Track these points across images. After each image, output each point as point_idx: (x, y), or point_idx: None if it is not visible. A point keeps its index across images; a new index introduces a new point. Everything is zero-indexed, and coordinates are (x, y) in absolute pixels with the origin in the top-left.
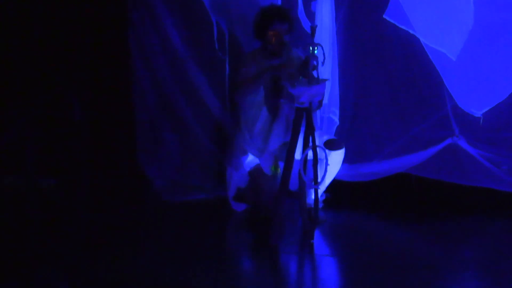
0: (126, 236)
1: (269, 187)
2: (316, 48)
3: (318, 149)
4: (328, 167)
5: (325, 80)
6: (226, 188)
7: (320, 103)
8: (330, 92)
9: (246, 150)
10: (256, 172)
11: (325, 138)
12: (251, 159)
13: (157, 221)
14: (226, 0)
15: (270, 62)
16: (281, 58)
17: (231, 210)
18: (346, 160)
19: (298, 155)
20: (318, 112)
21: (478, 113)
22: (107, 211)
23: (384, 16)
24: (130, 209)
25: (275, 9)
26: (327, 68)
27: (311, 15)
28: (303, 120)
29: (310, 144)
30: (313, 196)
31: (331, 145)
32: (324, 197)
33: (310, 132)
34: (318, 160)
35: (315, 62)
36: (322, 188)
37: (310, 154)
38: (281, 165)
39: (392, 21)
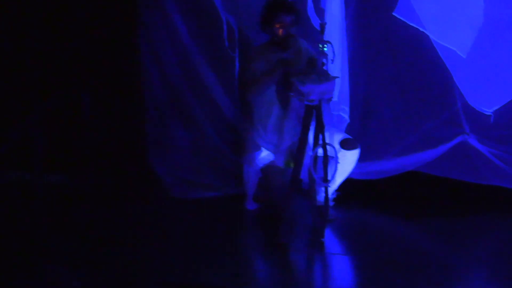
0: (135, 233)
1: (281, 185)
2: (325, 45)
3: (328, 146)
4: (342, 166)
5: (335, 77)
6: (242, 186)
7: (328, 100)
8: (340, 90)
9: (259, 145)
10: (268, 169)
11: (340, 136)
12: (264, 155)
13: (167, 218)
14: None
15: (279, 55)
16: (289, 50)
17: (241, 208)
18: None
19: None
20: (328, 108)
21: (489, 111)
22: (116, 208)
23: (393, 14)
24: (139, 207)
25: (281, 1)
26: (337, 66)
27: (320, 12)
28: (313, 117)
29: (320, 142)
30: (323, 194)
31: (346, 145)
32: (334, 195)
33: (320, 129)
34: (329, 158)
35: (324, 60)
36: (333, 187)
37: (320, 151)
38: None
39: (401, 18)
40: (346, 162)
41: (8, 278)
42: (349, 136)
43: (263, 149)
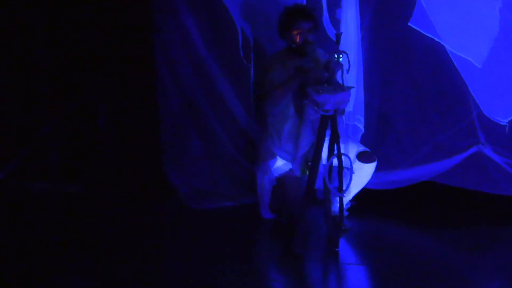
0: (151, 243)
1: (297, 195)
2: (341, 55)
3: (343, 157)
4: (358, 178)
5: (351, 87)
6: (256, 195)
7: (342, 111)
8: (355, 100)
9: (274, 154)
10: (284, 179)
11: (358, 149)
12: (280, 165)
13: (182, 228)
14: (251, 7)
15: (296, 62)
16: (306, 57)
17: (257, 217)
18: None
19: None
20: (343, 118)
21: (504, 121)
22: (132, 218)
23: (409, 24)
24: (155, 217)
25: (299, 8)
26: (352, 76)
27: (336, 23)
28: (328, 127)
29: (335, 152)
30: (338, 204)
31: (363, 158)
32: (349, 205)
33: (335, 139)
34: (344, 168)
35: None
36: (348, 197)
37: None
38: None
39: (417, 28)
40: (363, 175)
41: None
42: (367, 149)
43: (278, 158)
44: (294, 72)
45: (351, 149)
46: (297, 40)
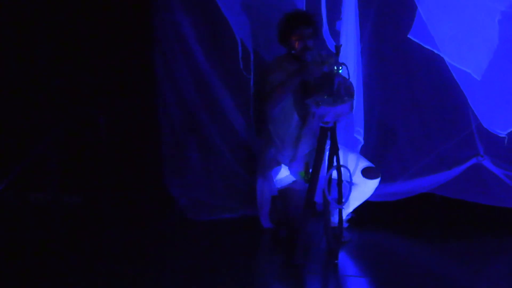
0: (150, 255)
1: (299, 208)
2: (341, 67)
3: (343, 169)
4: (361, 193)
5: (351, 99)
6: (256, 206)
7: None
8: (355, 111)
9: (279, 161)
10: (287, 192)
11: (363, 164)
12: (283, 177)
13: (181, 240)
14: (251, 19)
15: (296, 67)
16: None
17: (256, 229)
18: None
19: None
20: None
21: (503, 133)
22: (131, 229)
23: (408, 36)
24: (155, 228)
25: (298, 13)
26: None
27: (336, 34)
28: (327, 139)
29: (335, 164)
30: (337, 216)
31: (368, 173)
32: (349, 216)
33: (334, 151)
34: (344, 181)
35: (341, 80)
36: (348, 210)
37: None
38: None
39: (417, 40)
40: (366, 190)
41: None
42: (372, 164)
43: (281, 168)
44: (294, 71)
45: (357, 163)
46: (297, 46)
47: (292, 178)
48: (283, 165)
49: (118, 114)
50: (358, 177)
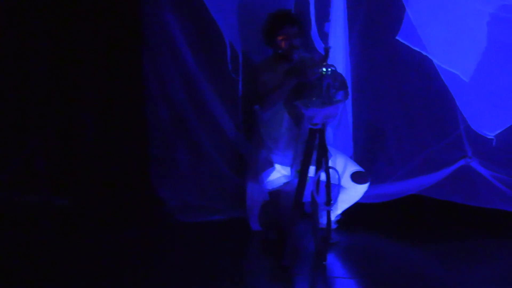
0: (139, 257)
1: (288, 209)
2: (329, 69)
3: (331, 170)
4: (349, 197)
5: (339, 101)
6: (245, 208)
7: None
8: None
9: (272, 162)
10: (278, 194)
11: (352, 168)
12: (274, 179)
13: (170, 242)
14: (240, 21)
15: (285, 67)
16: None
17: (245, 231)
18: None
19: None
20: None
21: (491, 134)
22: (119, 231)
23: (397, 38)
24: (143, 230)
25: (283, 13)
26: None
27: (324, 36)
28: (316, 141)
29: (323, 165)
30: (326, 217)
31: (357, 178)
32: (338, 217)
33: (323, 153)
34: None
35: (330, 81)
36: (337, 212)
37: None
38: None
39: (405, 42)
40: (355, 194)
41: None
42: (361, 169)
43: (274, 169)
44: (288, 73)
45: (346, 166)
46: (283, 45)
47: (283, 180)
48: (276, 166)
49: (107, 116)
50: (347, 182)
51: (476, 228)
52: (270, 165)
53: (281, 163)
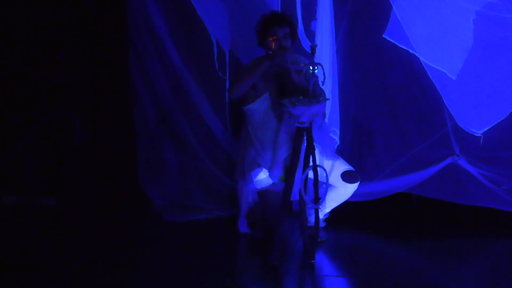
0: (126, 256)
1: (276, 209)
2: (316, 67)
3: (318, 168)
4: (338, 195)
5: (326, 99)
6: (233, 207)
7: (320, 124)
8: (331, 112)
9: (259, 163)
10: (266, 194)
11: (342, 167)
12: (262, 178)
13: (158, 241)
14: (226, 20)
15: (274, 68)
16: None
17: (233, 230)
18: None
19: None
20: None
21: (478, 132)
22: (107, 231)
23: (384, 36)
24: (131, 229)
25: (274, 14)
26: (328, 88)
27: (311, 35)
28: (303, 139)
29: (311, 164)
30: (314, 216)
31: (348, 177)
32: (325, 216)
33: (310, 151)
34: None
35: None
36: (325, 210)
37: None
38: None
39: (392, 40)
40: (344, 193)
41: None
42: (352, 168)
43: (261, 169)
44: (260, 58)
45: (334, 165)
46: (273, 46)
47: (271, 180)
48: (263, 167)
49: (93, 115)
50: (337, 180)
51: (464, 225)
52: (257, 166)
53: (264, 165)
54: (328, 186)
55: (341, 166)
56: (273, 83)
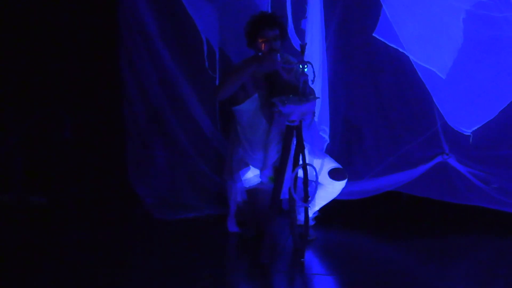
0: (116, 254)
1: (265, 207)
2: (306, 66)
3: (308, 167)
4: (327, 194)
5: (316, 98)
6: (223, 206)
7: (310, 123)
8: (320, 110)
9: (247, 163)
10: (255, 192)
11: (330, 165)
12: (251, 177)
13: (148, 239)
14: (216, 18)
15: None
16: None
17: (223, 228)
18: None
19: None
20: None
21: (468, 131)
22: (97, 228)
23: (373, 34)
24: (121, 227)
25: (264, 16)
26: (317, 86)
27: (301, 33)
28: (293, 138)
29: (301, 162)
30: (304, 214)
31: (335, 175)
32: (316, 214)
33: (300, 150)
34: (310, 179)
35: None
36: (314, 209)
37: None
38: None
39: (381, 39)
40: (332, 191)
41: None
42: (339, 165)
43: (250, 168)
44: (249, 59)
45: (323, 163)
46: (263, 48)
47: (259, 179)
48: (251, 166)
49: (83, 113)
50: (325, 178)
51: (453, 224)
52: (245, 165)
53: (254, 166)
54: (317, 184)
55: (329, 164)
56: (263, 83)
